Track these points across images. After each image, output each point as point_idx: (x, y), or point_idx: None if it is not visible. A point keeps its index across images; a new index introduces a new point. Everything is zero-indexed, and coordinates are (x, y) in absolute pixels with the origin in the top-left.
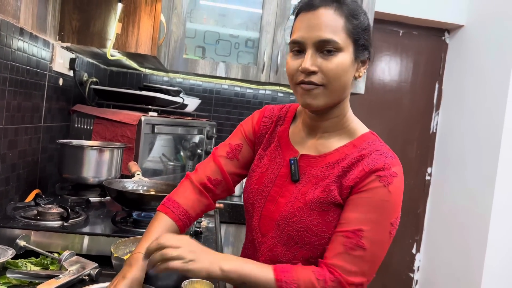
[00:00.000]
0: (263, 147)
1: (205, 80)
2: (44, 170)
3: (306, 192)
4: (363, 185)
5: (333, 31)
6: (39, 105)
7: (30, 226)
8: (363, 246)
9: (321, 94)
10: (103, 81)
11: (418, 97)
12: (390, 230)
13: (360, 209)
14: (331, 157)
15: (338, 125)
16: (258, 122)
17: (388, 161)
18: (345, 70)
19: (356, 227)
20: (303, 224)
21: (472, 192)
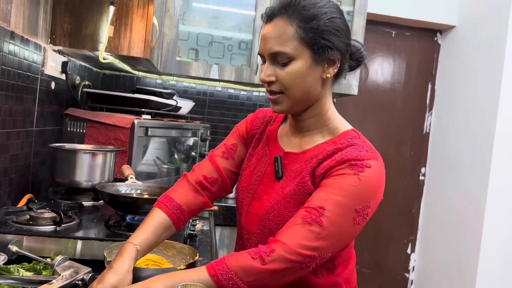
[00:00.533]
0: (252, 146)
1: (199, 82)
2: (36, 175)
3: (285, 187)
4: (334, 170)
5: (282, 42)
6: (31, 109)
7: (22, 231)
8: (321, 223)
9: (283, 100)
10: (96, 84)
11: (411, 98)
12: (354, 217)
13: (327, 189)
14: (310, 152)
15: (319, 124)
16: (251, 123)
17: (362, 153)
18: (301, 76)
19: (319, 205)
20: (281, 217)
21: (466, 192)
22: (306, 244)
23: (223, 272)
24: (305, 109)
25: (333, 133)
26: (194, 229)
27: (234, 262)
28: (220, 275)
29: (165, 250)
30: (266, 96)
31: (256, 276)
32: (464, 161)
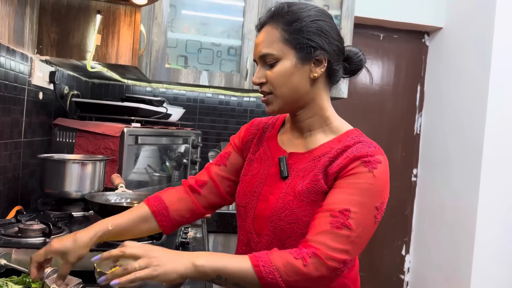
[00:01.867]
0: (252, 151)
1: (189, 89)
2: (25, 186)
3: (295, 185)
4: (348, 170)
5: (268, 44)
6: (19, 120)
7: (10, 243)
8: (350, 226)
9: (273, 100)
10: (85, 93)
11: (401, 100)
12: (375, 214)
13: (347, 191)
14: (317, 151)
15: (320, 123)
16: (246, 130)
17: (371, 149)
18: (287, 75)
19: (343, 207)
20: (294, 216)
21: (457, 192)
22: (339, 248)
23: (265, 264)
24: (298, 108)
25: (335, 132)
26: (186, 237)
27: (277, 258)
28: (262, 267)
29: None
30: (257, 101)
31: (295, 276)
32: (455, 161)
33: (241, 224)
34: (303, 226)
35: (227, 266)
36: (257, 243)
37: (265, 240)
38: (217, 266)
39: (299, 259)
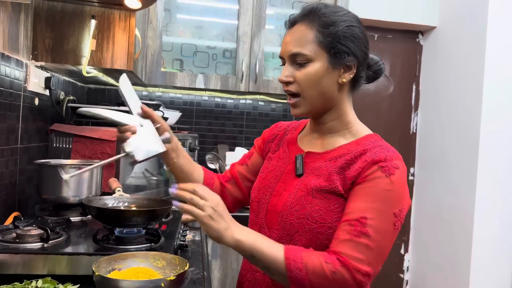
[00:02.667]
0: (272, 150)
1: (185, 92)
2: (23, 192)
3: (309, 182)
4: (366, 175)
5: (302, 44)
6: (15, 126)
7: (8, 249)
8: (368, 233)
9: (301, 103)
10: (81, 99)
11: (396, 99)
12: (394, 222)
13: (364, 198)
14: (334, 152)
15: (341, 126)
16: (268, 132)
17: (389, 154)
18: (317, 78)
19: (360, 215)
20: (304, 211)
21: (454, 190)
22: (362, 259)
23: (296, 260)
24: (323, 112)
25: (355, 135)
26: (185, 240)
27: (309, 257)
28: (293, 261)
29: (155, 262)
30: (253, 103)
31: (321, 279)
32: (451, 159)
33: (253, 219)
34: (311, 221)
35: (263, 249)
36: (268, 237)
37: (275, 234)
38: (254, 246)
39: (329, 264)
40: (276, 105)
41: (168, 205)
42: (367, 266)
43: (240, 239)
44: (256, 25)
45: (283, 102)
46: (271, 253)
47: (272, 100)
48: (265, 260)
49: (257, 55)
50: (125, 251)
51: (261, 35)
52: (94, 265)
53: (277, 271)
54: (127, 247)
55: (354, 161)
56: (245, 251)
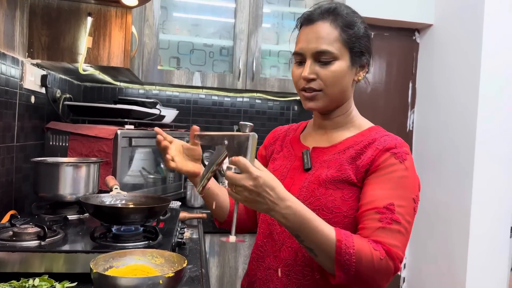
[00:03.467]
0: (275, 151)
1: (182, 90)
2: (19, 191)
3: (319, 175)
4: (379, 162)
5: (328, 42)
6: (11, 124)
7: (5, 247)
8: (398, 220)
9: (320, 98)
10: (78, 97)
11: (392, 97)
12: (414, 207)
13: (384, 186)
14: (341, 145)
15: (345, 121)
16: (268, 137)
17: (398, 141)
18: (341, 76)
19: (387, 203)
20: (319, 203)
21: (451, 187)
22: (397, 245)
23: (348, 244)
24: (335, 108)
25: (359, 128)
26: (183, 237)
27: (359, 244)
28: (344, 245)
29: (152, 259)
30: (250, 102)
31: (368, 266)
32: (448, 157)
33: (262, 217)
34: (326, 212)
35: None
36: (280, 233)
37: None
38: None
39: (377, 252)
40: (273, 103)
41: (166, 203)
42: (402, 252)
43: (287, 214)
44: (253, 23)
45: (280, 100)
46: (321, 233)
47: (269, 98)
48: (313, 238)
49: (254, 53)
50: (123, 249)
51: (258, 33)
52: (92, 263)
53: (324, 252)
54: (124, 245)
55: (364, 150)
56: (291, 226)
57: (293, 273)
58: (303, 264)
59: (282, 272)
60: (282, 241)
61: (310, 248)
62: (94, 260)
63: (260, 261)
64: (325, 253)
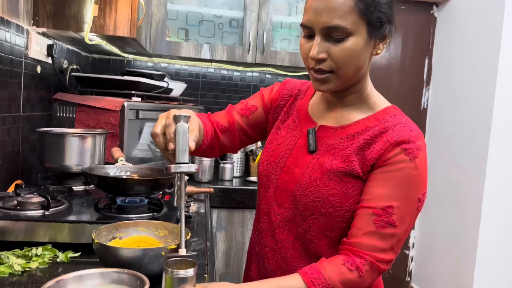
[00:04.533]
0: (280, 119)
1: (191, 64)
2: (26, 161)
3: (324, 162)
4: (388, 157)
5: (341, 15)
6: (16, 94)
7: (9, 216)
8: (394, 223)
9: (332, 79)
10: (86, 69)
11: (408, 74)
12: (417, 206)
13: (388, 184)
14: (351, 128)
15: (359, 100)
16: (277, 92)
17: (413, 133)
18: (356, 54)
19: (385, 204)
20: (320, 194)
21: (464, 167)
22: (386, 248)
23: (322, 284)
24: (350, 87)
25: (372, 109)
26: (188, 210)
27: (333, 276)
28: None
29: (157, 231)
30: (260, 76)
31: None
32: (462, 136)
33: (263, 193)
34: (328, 205)
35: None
36: (277, 215)
37: (286, 213)
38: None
39: (354, 271)
40: (283, 78)
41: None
42: (391, 253)
43: None
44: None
45: (291, 75)
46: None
47: (279, 72)
48: None
49: (264, 25)
50: (127, 220)
51: (269, 4)
52: (94, 233)
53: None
54: (129, 216)
55: (374, 140)
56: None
57: (289, 256)
58: (301, 248)
59: (278, 254)
60: (278, 223)
61: None
62: (96, 230)
63: (259, 236)
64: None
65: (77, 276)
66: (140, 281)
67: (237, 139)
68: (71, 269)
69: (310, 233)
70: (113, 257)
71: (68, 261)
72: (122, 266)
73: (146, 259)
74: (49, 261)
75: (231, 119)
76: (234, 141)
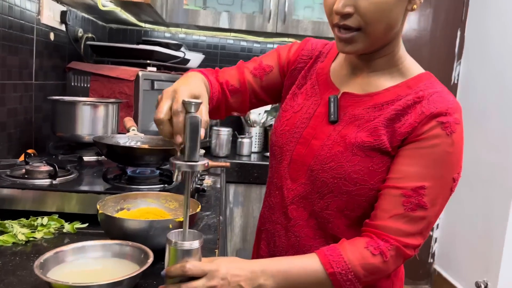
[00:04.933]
0: (297, 84)
1: (209, 34)
2: (40, 130)
3: (347, 134)
4: (422, 131)
5: None
6: (28, 61)
7: (16, 184)
8: (425, 205)
9: (359, 39)
10: (102, 39)
11: (438, 47)
12: (451, 187)
13: (420, 162)
14: (379, 97)
15: (389, 64)
16: (295, 53)
17: (451, 105)
18: (388, 8)
19: (417, 184)
20: (341, 171)
21: (495, 146)
22: (414, 232)
23: (342, 271)
24: (380, 48)
25: (404, 75)
26: (202, 183)
27: (354, 259)
28: (339, 274)
29: (166, 203)
30: None
31: (375, 275)
32: (494, 113)
33: (276, 166)
34: (350, 183)
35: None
36: (291, 190)
37: (301, 189)
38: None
39: (378, 256)
40: None
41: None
42: (419, 238)
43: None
44: None
45: None
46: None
47: None
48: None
49: None
50: (137, 191)
51: None
52: (99, 204)
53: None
54: (139, 187)
55: (406, 111)
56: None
57: (303, 235)
58: (316, 227)
59: (291, 232)
60: (292, 200)
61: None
62: (102, 201)
63: (270, 212)
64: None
65: (77, 247)
66: (144, 254)
67: (247, 101)
68: (77, 240)
69: (328, 211)
70: (117, 229)
71: (74, 232)
72: (127, 238)
73: (152, 231)
74: (55, 231)
75: (242, 78)
76: (244, 103)
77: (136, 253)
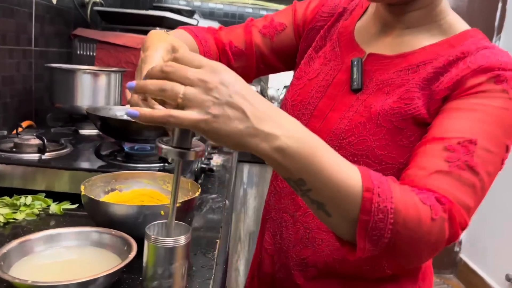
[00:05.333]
0: (314, 46)
1: (227, 2)
2: (41, 101)
3: (372, 104)
4: (470, 86)
5: None
6: (26, 25)
7: (1, 159)
8: (476, 167)
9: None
10: (114, 4)
11: (476, 19)
12: (503, 157)
13: (469, 115)
14: (414, 57)
15: (427, 19)
16: (315, 9)
17: (504, 59)
18: None
19: (465, 137)
20: (363, 146)
21: None
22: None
23: (382, 195)
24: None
25: (446, 32)
26: (209, 163)
27: (400, 195)
28: (377, 197)
29: (164, 185)
30: None
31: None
32: None
33: None
34: (373, 161)
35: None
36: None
37: None
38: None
39: (427, 207)
40: None
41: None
42: (469, 217)
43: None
44: None
45: None
46: (340, 176)
47: None
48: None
49: None
50: (132, 171)
51: None
52: (84, 184)
53: (343, 208)
54: (136, 165)
55: (447, 69)
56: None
57: (314, 227)
58: None
59: (300, 223)
60: None
61: (319, 202)
62: (88, 180)
63: (277, 198)
64: (343, 210)
65: (46, 236)
66: (128, 245)
67: (254, 66)
68: (63, 222)
69: None
70: (102, 214)
71: (61, 213)
72: (113, 225)
73: (141, 218)
74: (39, 212)
75: (249, 39)
76: (249, 68)
77: (118, 243)
